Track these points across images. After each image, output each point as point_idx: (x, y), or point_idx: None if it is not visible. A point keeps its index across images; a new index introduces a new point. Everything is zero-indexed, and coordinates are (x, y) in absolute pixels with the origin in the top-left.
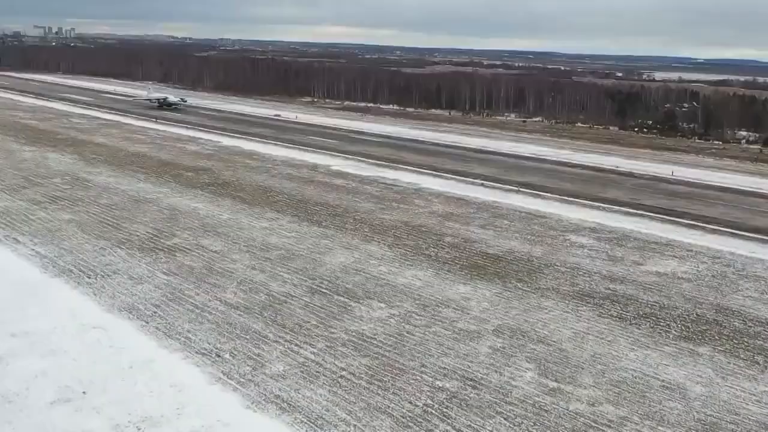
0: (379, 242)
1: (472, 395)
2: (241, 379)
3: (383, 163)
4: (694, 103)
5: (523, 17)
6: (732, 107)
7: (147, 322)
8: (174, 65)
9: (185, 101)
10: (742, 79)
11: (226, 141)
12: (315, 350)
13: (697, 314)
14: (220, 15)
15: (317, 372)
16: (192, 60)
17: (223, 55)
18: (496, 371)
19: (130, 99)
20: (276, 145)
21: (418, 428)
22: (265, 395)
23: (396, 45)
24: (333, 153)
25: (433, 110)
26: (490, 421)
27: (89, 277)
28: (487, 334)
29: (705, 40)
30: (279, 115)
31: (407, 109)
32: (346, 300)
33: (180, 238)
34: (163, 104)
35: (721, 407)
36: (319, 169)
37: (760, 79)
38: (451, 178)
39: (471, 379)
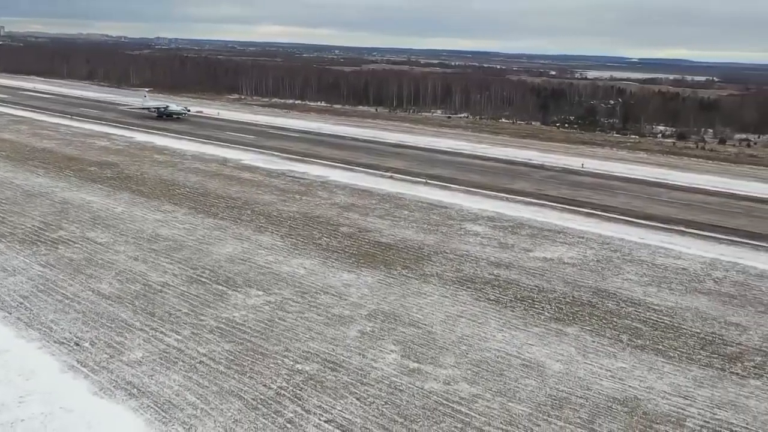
0: (272, 233)
1: (329, 377)
2: (96, 367)
3: (296, 157)
4: (618, 100)
5: (463, 17)
6: (652, 103)
7: (10, 313)
8: (100, 63)
9: (189, 110)
10: (671, 77)
11: (140, 137)
12: (179, 337)
13: (573, 297)
14: (156, 14)
15: (176, 358)
16: (120, 58)
17: (154, 54)
18: (359, 354)
19: (49, 96)
20: (191, 140)
21: (266, 410)
22: (116, 382)
23: (336, 45)
24: (248, 148)
25: (360, 107)
26: (342, 402)
27: None
28: (360, 318)
29: (640, 41)
30: (201, 112)
31: (334, 105)
32: (224, 288)
33: (66, 230)
34: (164, 114)
35: (575, 383)
36: (228, 163)
37: (689, 78)
38: (362, 171)
39: (332, 362)
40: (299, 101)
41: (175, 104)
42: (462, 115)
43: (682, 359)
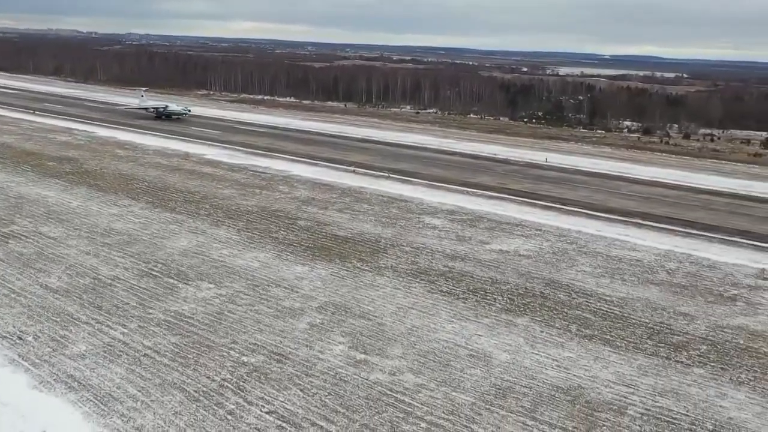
0: (228, 227)
1: (275, 369)
2: (37, 361)
3: (260, 152)
4: (588, 95)
5: (437, 14)
6: (619, 99)
7: None
8: (67, 59)
9: (189, 111)
10: (641, 74)
11: (103, 132)
12: (125, 330)
13: (526, 288)
14: (128, 10)
15: (121, 351)
16: (87, 53)
17: (123, 49)
18: (307, 346)
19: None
20: (154, 135)
21: (208, 402)
22: (57, 375)
23: (309, 41)
24: (212, 143)
25: (329, 102)
26: (285, 393)
27: None
28: (310, 311)
29: (612, 38)
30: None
31: (303, 101)
32: (176, 282)
33: (18, 225)
34: (162, 114)
35: (521, 373)
36: (191, 158)
37: (658, 74)
38: (325, 166)
39: (278, 354)
40: (268, 97)
41: (174, 104)
42: (431, 110)
43: (628, 348)
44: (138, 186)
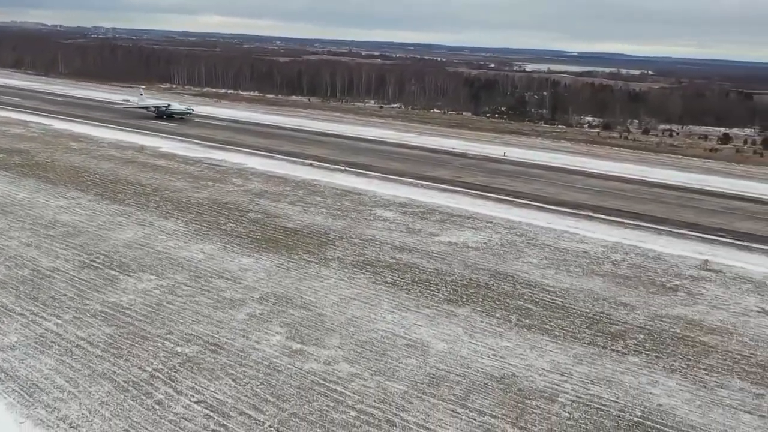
0: (177, 219)
1: (208, 359)
2: None
3: (217, 145)
4: (552, 91)
5: (407, 10)
6: (582, 95)
7: None
8: (29, 51)
9: (192, 110)
10: (607, 70)
11: (58, 125)
12: (60, 322)
13: (470, 279)
14: (95, 3)
15: (52, 342)
16: (49, 46)
17: (87, 43)
18: (243, 336)
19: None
20: (110, 128)
21: (136, 392)
22: None
23: (277, 36)
24: (169, 136)
25: (293, 97)
26: (216, 383)
27: None
28: (251, 301)
29: (580, 35)
30: (128, 100)
31: (267, 95)
32: (117, 273)
33: None
34: (164, 113)
35: (456, 362)
36: (145, 150)
37: (624, 71)
38: (282, 159)
39: (214, 344)
40: (232, 91)
41: (177, 102)
42: (395, 105)
43: (566, 338)
44: (88, 178)
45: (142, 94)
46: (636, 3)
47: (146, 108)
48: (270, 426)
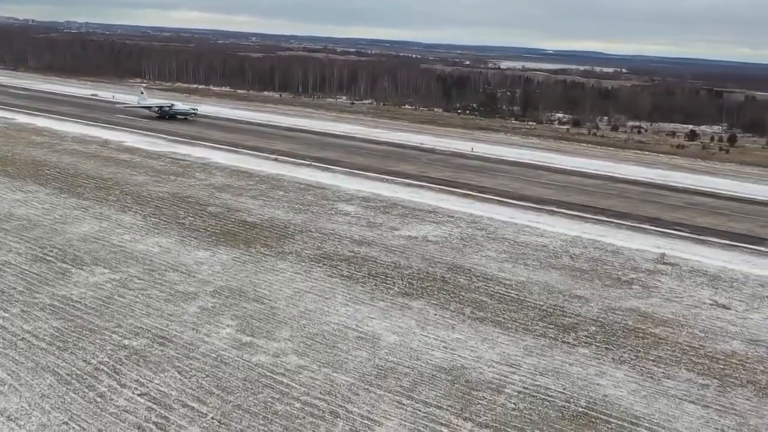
0: (135, 212)
1: (156, 352)
2: None
3: (183, 139)
4: (518, 90)
5: (383, 7)
6: (554, 92)
7: None
8: None
9: (197, 110)
10: (581, 68)
11: (22, 119)
12: (6, 315)
13: (427, 272)
14: None
15: None
16: (19, 40)
17: (58, 37)
18: (193, 329)
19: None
20: (75, 122)
21: (79, 385)
22: None
23: (254, 32)
24: (135, 130)
25: (265, 92)
26: (161, 375)
27: None
28: (204, 295)
29: (556, 33)
30: (96, 95)
31: (238, 91)
32: (69, 267)
33: None
34: (168, 114)
35: (406, 354)
36: (109, 145)
37: (598, 69)
38: (247, 154)
39: (162, 337)
40: (203, 86)
41: (180, 102)
42: (367, 101)
43: (518, 330)
44: (48, 172)
45: (143, 93)
46: (614, 2)
47: (148, 108)
48: (212, 418)
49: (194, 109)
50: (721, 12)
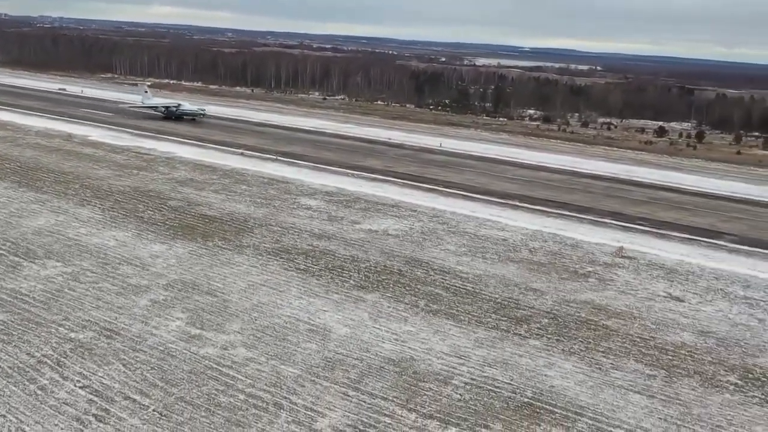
0: (94, 206)
1: (102, 345)
2: None
3: (149, 134)
4: (499, 84)
5: (361, 3)
6: (526, 89)
7: None
8: None
9: (204, 111)
10: (557, 65)
11: None
12: None
13: (385, 265)
14: None
15: None
16: None
17: (30, 31)
18: (142, 322)
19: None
20: (40, 116)
21: (20, 377)
22: None
23: (230, 27)
24: (100, 125)
25: (237, 87)
26: (105, 368)
27: None
28: (157, 288)
29: (533, 31)
30: (64, 89)
31: (210, 86)
32: (21, 260)
33: None
34: (174, 114)
35: (356, 346)
36: (73, 139)
37: (573, 66)
38: (212, 148)
39: (110, 330)
40: (175, 81)
41: (188, 102)
42: (339, 97)
43: (471, 322)
44: (8, 166)
45: (147, 92)
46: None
47: (154, 108)
48: (154, 410)
49: (202, 110)
50: (698, 12)
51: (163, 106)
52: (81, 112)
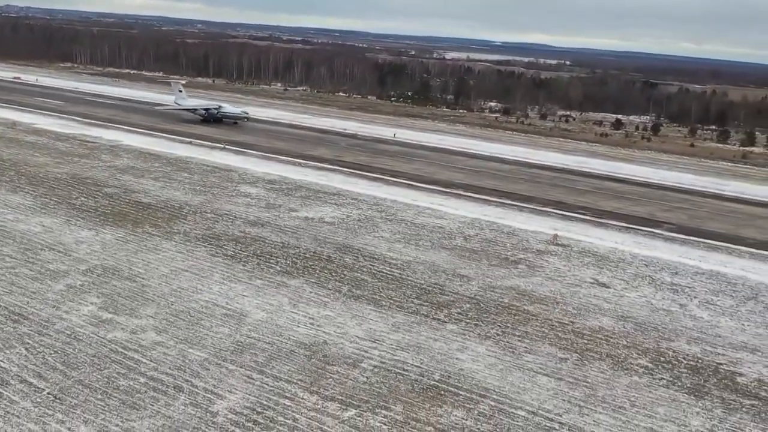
0: (26, 193)
1: (7, 329)
2: None
3: (98, 122)
4: (464, 77)
5: None
6: (488, 81)
7: None
8: None
9: (248, 114)
10: (526, 60)
11: None
12: None
13: (314, 252)
14: None
15: None
16: None
17: None
18: (54, 306)
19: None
20: None
21: None
22: None
23: (200, 19)
24: (49, 113)
25: (199, 78)
26: (7, 352)
27: None
28: (76, 273)
29: (504, 25)
30: (18, 78)
31: (171, 76)
32: None
33: None
34: (213, 117)
35: (270, 330)
36: (18, 126)
37: (542, 61)
38: (161, 137)
39: (18, 314)
40: (136, 71)
41: (229, 104)
42: (301, 88)
43: (391, 307)
44: None
45: (181, 91)
46: None
47: (193, 111)
48: (48, 393)
49: (245, 113)
50: (669, 9)
51: (203, 108)
52: (31, 101)
